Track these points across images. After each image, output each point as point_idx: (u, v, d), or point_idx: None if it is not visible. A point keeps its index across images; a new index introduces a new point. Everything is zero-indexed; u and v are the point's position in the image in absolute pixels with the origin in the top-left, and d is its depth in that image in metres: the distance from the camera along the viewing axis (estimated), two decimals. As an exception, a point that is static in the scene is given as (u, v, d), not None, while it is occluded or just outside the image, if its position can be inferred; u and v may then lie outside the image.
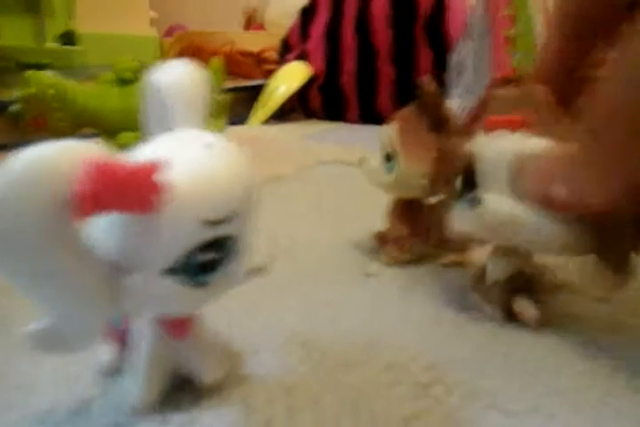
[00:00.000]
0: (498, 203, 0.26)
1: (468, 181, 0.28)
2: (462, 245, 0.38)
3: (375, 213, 0.40)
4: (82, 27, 1.31)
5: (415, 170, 0.35)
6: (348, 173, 0.62)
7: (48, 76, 0.68)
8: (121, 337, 0.23)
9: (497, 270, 0.29)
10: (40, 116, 0.68)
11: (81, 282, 0.17)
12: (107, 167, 0.16)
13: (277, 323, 0.29)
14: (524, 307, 0.29)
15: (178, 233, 0.18)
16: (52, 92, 0.66)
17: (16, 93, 0.68)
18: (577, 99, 0.28)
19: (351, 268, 0.37)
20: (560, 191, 0.24)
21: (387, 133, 0.36)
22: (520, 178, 0.26)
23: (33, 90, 0.67)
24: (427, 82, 0.34)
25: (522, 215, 0.26)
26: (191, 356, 0.23)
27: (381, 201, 0.39)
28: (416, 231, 0.38)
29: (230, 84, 1.09)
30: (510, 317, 0.29)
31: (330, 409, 0.23)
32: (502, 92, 0.30)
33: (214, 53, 1.15)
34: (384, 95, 1.06)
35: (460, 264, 0.37)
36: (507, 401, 0.23)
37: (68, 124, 0.70)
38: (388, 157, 0.36)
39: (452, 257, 0.37)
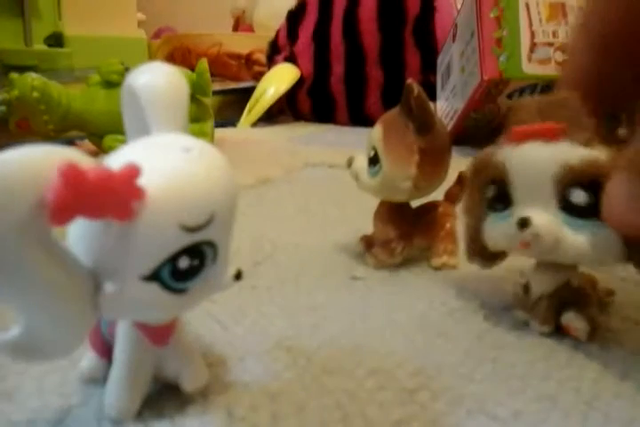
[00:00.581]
0: (547, 224, 0.26)
1: (498, 192, 0.28)
2: (453, 247, 0.38)
3: (362, 216, 0.40)
4: (69, 29, 1.30)
5: (399, 173, 0.35)
6: (336, 175, 0.62)
7: (33, 78, 0.68)
8: (105, 346, 0.23)
9: (542, 284, 0.29)
10: (25, 119, 0.67)
11: (61, 290, 0.17)
12: (78, 172, 0.15)
13: (262, 328, 0.29)
14: (573, 320, 0.28)
15: (155, 240, 0.17)
16: (36, 94, 0.66)
17: (1, 96, 0.68)
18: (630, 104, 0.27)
19: (337, 272, 0.37)
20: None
21: (371, 136, 0.36)
22: (606, 205, 0.24)
23: (17, 92, 0.66)
24: (412, 84, 0.34)
25: (570, 235, 0.26)
26: (172, 363, 0.23)
27: (369, 204, 0.39)
28: (403, 234, 0.38)
29: (218, 86, 1.09)
30: (559, 331, 0.28)
31: (316, 415, 0.22)
32: (527, 100, 0.28)
33: (202, 55, 1.15)
34: (373, 98, 1.07)
35: (451, 266, 0.37)
36: (494, 406, 0.23)
37: (53, 126, 0.69)
38: (373, 160, 0.36)
39: (443, 259, 0.37)
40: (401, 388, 0.24)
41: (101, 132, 0.69)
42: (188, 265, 0.18)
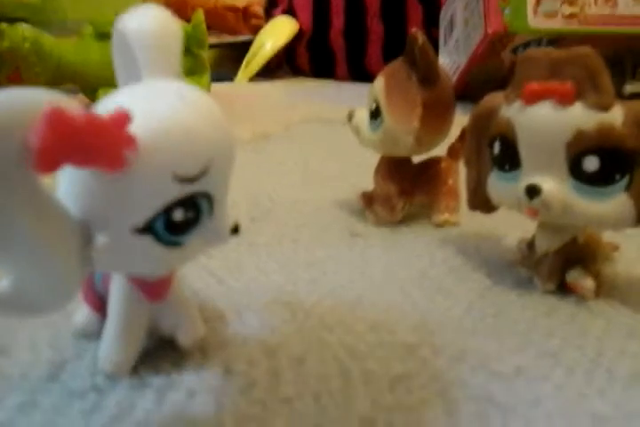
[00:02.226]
0: (556, 193, 0.25)
1: (505, 151, 0.27)
2: (454, 204, 0.37)
3: (362, 172, 0.39)
4: (60, -20, 1.26)
5: (401, 127, 0.34)
6: (336, 131, 0.61)
7: (24, 29, 0.66)
8: (98, 301, 0.23)
9: (547, 241, 0.28)
10: (16, 71, 0.66)
11: (49, 242, 0.16)
12: (65, 115, 0.14)
13: (260, 283, 0.29)
14: (579, 278, 0.27)
15: (148, 190, 0.17)
16: (27, 45, 0.64)
17: (-10, 47, 0.66)
18: None
19: (337, 228, 0.37)
20: None
21: (372, 89, 0.35)
22: None
23: (8, 43, 0.64)
24: (416, 33, 0.32)
25: (580, 203, 0.25)
26: (168, 318, 0.22)
27: (369, 160, 0.38)
28: (404, 191, 0.37)
29: (215, 39, 1.06)
30: (563, 288, 0.28)
31: (314, 369, 0.22)
32: (539, 52, 0.26)
33: (198, 7, 1.12)
34: (373, 52, 1.04)
35: (452, 223, 0.37)
36: (496, 362, 0.23)
37: (45, 78, 0.68)
38: (374, 114, 0.35)
39: (444, 216, 0.37)
40: (401, 343, 0.24)
41: (95, 85, 0.67)
42: (182, 217, 0.18)
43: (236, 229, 0.20)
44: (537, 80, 0.25)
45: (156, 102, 0.18)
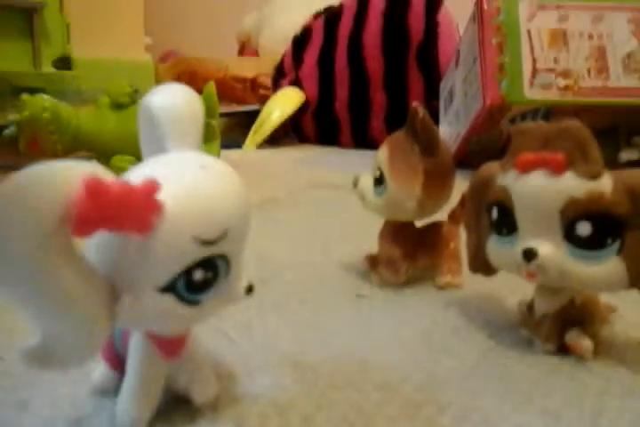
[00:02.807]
0: (552, 256, 0.26)
1: (502, 216, 0.29)
2: (456, 266, 0.38)
3: (367, 235, 0.40)
4: (77, 52, 1.32)
5: (404, 193, 0.35)
6: (341, 196, 0.63)
7: (43, 99, 0.69)
8: (117, 359, 0.24)
9: (545, 303, 0.29)
10: (35, 139, 0.69)
11: (80, 299, 0.17)
12: (102, 186, 0.16)
13: (270, 343, 0.30)
14: (577, 339, 0.28)
15: (172, 252, 0.18)
16: (47, 115, 0.67)
17: (11, 117, 0.69)
18: None
19: (343, 289, 0.38)
20: None
21: (377, 157, 0.37)
22: None
23: (28, 113, 0.67)
24: (417, 107, 0.35)
25: (576, 266, 0.26)
26: (183, 376, 0.23)
27: (373, 224, 0.39)
28: (407, 254, 0.38)
29: (224, 109, 1.10)
30: (563, 350, 0.29)
31: (323, 428, 0.23)
32: (532, 126, 0.28)
33: (209, 79, 1.17)
34: (376, 121, 1.08)
35: (455, 285, 0.38)
36: (499, 421, 0.23)
37: (62, 146, 0.70)
38: (378, 181, 0.37)
39: (446, 279, 0.38)
40: (407, 402, 0.25)
41: (110, 153, 0.70)
42: (202, 277, 0.19)
43: (250, 289, 0.21)
44: (530, 151, 0.27)
45: (181, 171, 0.20)
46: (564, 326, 0.29)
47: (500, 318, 0.33)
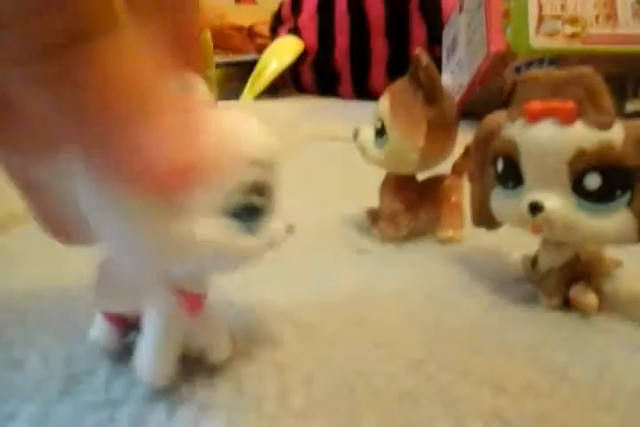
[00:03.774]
0: (559, 209, 0.25)
1: (508, 168, 0.28)
2: (458, 220, 0.37)
3: (368, 189, 0.39)
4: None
5: (407, 144, 0.34)
6: (341, 148, 0.61)
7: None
8: (119, 316, 0.23)
9: (550, 258, 0.28)
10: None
11: (154, 229, 0.18)
12: None
13: (268, 301, 0.29)
14: (582, 294, 0.28)
15: (231, 172, 0.18)
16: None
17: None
18: None
19: (343, 245, 0.37)
20: None
21: (378, 108, 0.36)
22: None
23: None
24: (420, 54, 0.33)
25: (584, 219, 0.25)
26: (202, 332, 0.23)
27: (374, 177, 0.38)
28: (409, 208, 0.37)
29: (221, 58, 1.08)
30: (567, 305, 0.28)
31: (323, 386, 0.22)
32: (540, 73, 0.26)
33: (204, 27, 1.13)
34: (377, 71, 1.05)
35: (457, 240, 0.37)
36: (502, 378, 0.23)
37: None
38: (380, 132, 0.35)
39: (449, 233, 0.37)
40: (407, 359, 0.24)
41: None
42: (253, 202, 0.19)
43: (291, 228, 0.22)
44: (538, 100, 0.26)
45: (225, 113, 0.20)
46: (568, 280, 0.28)
47: (503, 272, 0.32)
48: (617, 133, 0.25)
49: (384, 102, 0.35)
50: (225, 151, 0.18)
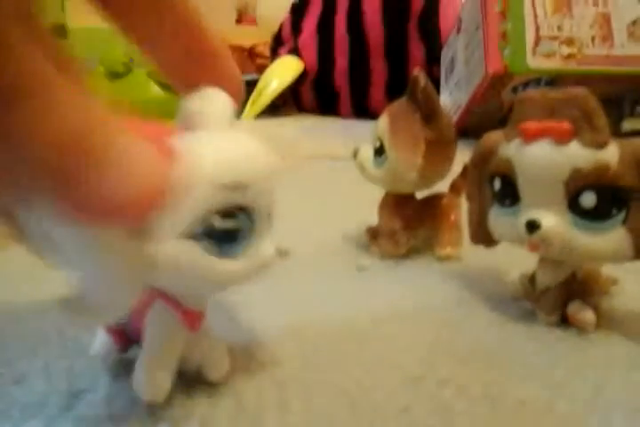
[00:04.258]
0: (556, 227, 0.26)
1: (505, 187, 0.28)
2: (457, 238, 0.38)
3: (367, 207, 0.40)
4: (72, 21, 1.30)
5: (405, 163, 0.35)
6: (340, 167, 0.62)
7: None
8: (121, 333, 0.23)
9: (548, 276, 0.29)
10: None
11: (117, 252, 0.17)
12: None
13: (268, 317, 0.29)
14: (580, 311, 0.28)
15: (193, 196, 0.18)
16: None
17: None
18: None
19: (343, 262, 0.37)
20: None
21: (377, 127, 0.36)
22: None
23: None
24: (419, 75, 0.34)
25: (580, 238, 0.26)
26: (200, 350, 0.23)
27: (373, 195, 0.39)
28: (408, 226, 0.38)
29: (222, 78, 1.08)
30: (565, 322, 0.28)
31: (323, 402, 0.22)
32: (536, 93, 0.27)
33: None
34: (377, 90, 1.06)
35: (455, 257, 0.37)
36: (501, 394, 0.23)
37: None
38: (378, 151, 0.36)
39: (447, 250, 0.37)
40: (407, 376, 0.24)
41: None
42: (226, 226, 0.19)
43: (285, 252, 0.21)
44: (535, 120, 0.26)
45: (207, 134, 0.20)
46: (566, 298, 0.29)
47: (502, 290, 0.33)
48: (612, 153, 0.25)
49: (383, 122, 0.36)
50: (192, 175, 0.18)
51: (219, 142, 0.19)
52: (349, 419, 0.22)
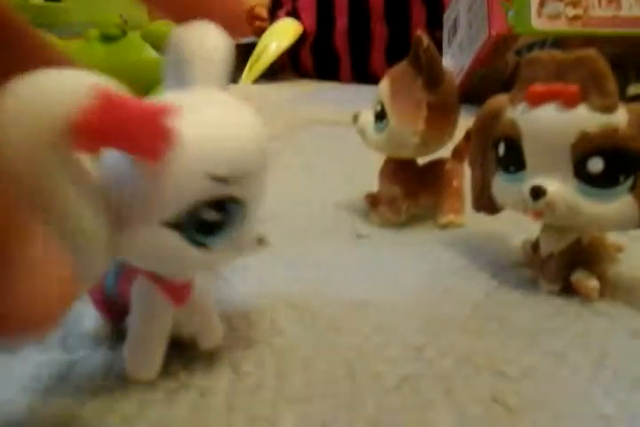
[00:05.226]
0: (561, 194, 0.25)
1: (509, 152, 0.27)
2: (459, 205, 0.37)
3: (367, 174, 0.39)
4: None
5: (406, 128, 0.34)
6: (340, 133, 0.61)
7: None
8: (108, 305, 0.23)
9: (551, 243, 0.28)
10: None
11: (82, 222, 0.16)
12: (116, 98, 0.15)
13: (268, 285, 0.29)
14: (584, 279, 0.27)
15: (182, 184, 0.17)
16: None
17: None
18: None
19: (342, 229, 0.37)
20: None
21: (378, 91, 0.35)
22: None
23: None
24: (421, 36, 0.33)
25: (586, 204, 0.25)
26: (192, 320, 0.22)
27: (374, 162, 0.38)
28: (408, 192, 0.37)
29: (219, 41, 1.06)
30: (568, 291, 0.28)
31: (322, 371, 0.22)
32: (544, 55, 0.26)
33: (202, 10, 1.12)
34: (377, 54, 1.04)
35: (457, 224, 0.37)
36: (502, 363, 0.23)
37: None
38: (379, 116, 0.35)
39: (449, 217, 0.37)
40: (407, 344, 0.24)
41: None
42: (211, 218, 0.18)
43: (262, 240, 0.20)
44: (542, 82, 0.26)
45: (201, 105, 0.18)
46: (569, 265, 0.28)
47: (504, 257, 0.32)
48: (620, 117, 0.24)
49: (384, 85, 0.35)
50: (181, 164, 0.17)
51: (214, 122, 0.18)
52: (349, 388, 0.21)
